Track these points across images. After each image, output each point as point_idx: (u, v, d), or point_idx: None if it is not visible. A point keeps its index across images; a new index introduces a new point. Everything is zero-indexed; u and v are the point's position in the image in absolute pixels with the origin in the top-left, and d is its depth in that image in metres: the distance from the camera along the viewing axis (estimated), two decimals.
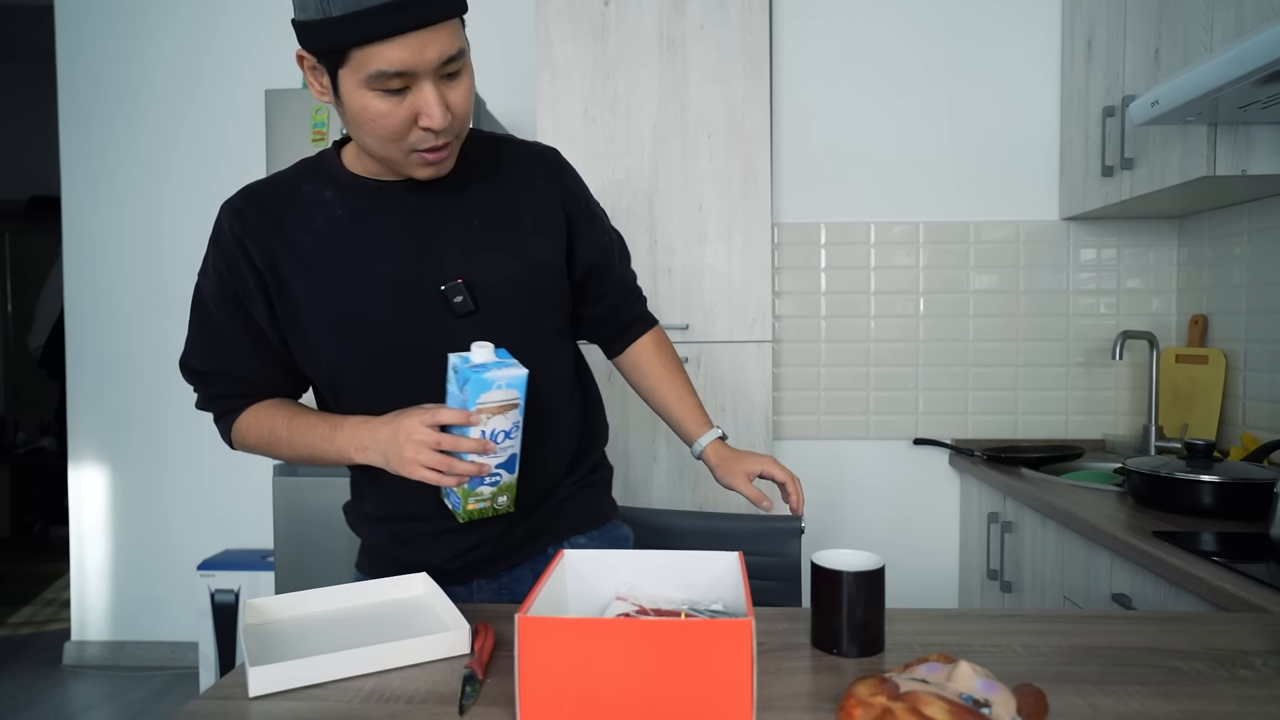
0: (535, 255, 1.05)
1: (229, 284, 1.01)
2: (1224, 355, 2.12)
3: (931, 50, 2.48)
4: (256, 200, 1.02)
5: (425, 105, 0.88)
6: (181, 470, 2.79)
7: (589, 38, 2.20)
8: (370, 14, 0.81)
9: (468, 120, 0.95)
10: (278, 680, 0.80)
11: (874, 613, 0.89)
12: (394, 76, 0.85)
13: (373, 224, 1.00)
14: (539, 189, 1.07)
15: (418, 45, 0.84)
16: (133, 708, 2.53)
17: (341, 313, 0.99)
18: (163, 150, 2.77)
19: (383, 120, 0.88)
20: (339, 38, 0.83)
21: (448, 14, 0.85)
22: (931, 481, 2.52)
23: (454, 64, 0.88)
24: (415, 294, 0.99)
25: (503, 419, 0.91)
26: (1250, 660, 0.85)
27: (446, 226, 1.01)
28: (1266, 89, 1.38)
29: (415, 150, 0.92)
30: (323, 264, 0.99)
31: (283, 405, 1.06)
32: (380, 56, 0.84)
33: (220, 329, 1.03)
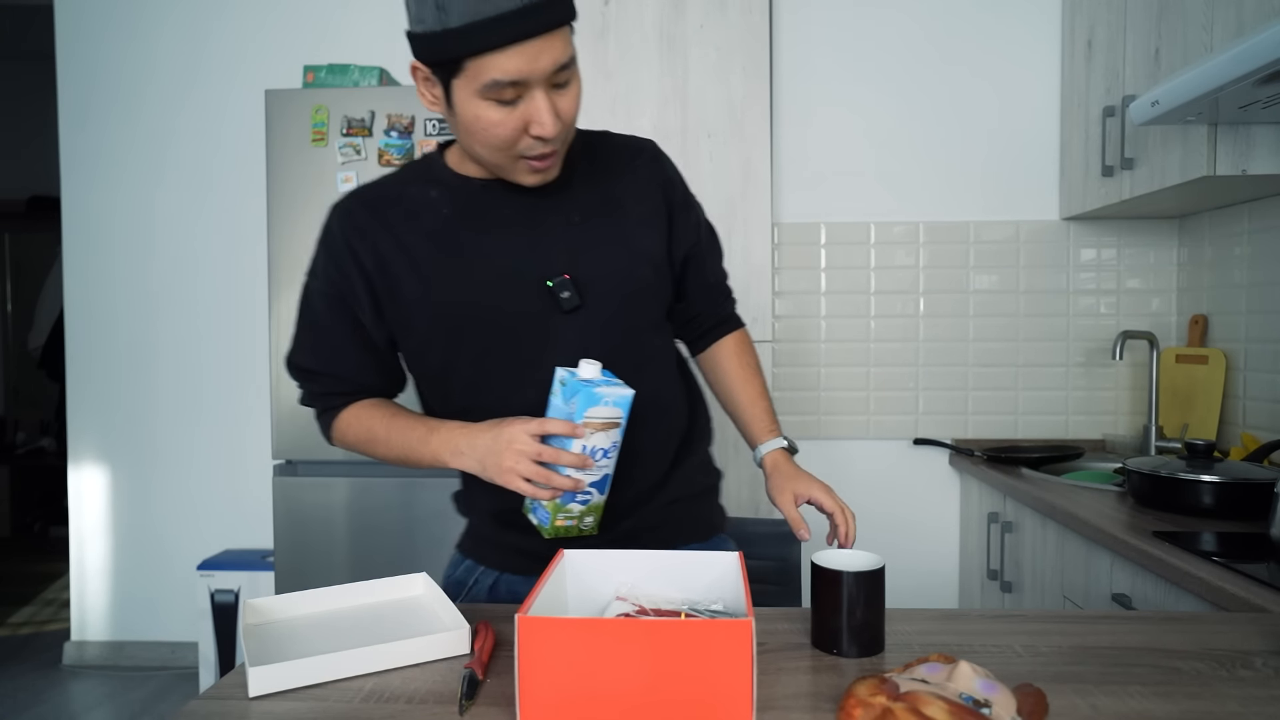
0: (639, 248, 1.06)
1: (337, 285, 1.03)
2: (1224, 355, 2.12)
3: (931, 50, 2.48)
4: (366, 202, 1.04)
5: (537, 114, 0.89)
6: (181, 470, 2.79)
7: (589, 38, 2.20)
8: (486, 24, 0.83)
9: (573, 125, 0.97)
10: (278, 680, 0.80)
11: (874, 613, 0.89)
12: (508, 86, 0.87)
13: (479, 222, 1.01)
14: (641, 181, 1.08)
15: (532, 54, 0.85)
16: (133, 708, 2.53)
17: (450, 309, 1.01)
18: (162, 150, 2.77)
19: (495, 129, 0.90)
20: (455, 48, 0.85)
21: (560, 22, 0.87)
22: (931, 481, 2.52)
23: (565, 72, 0.90)
24: (522, 290, 1.00)
25: (604, 436, 0.92)
26: (1250, 660, 0.85)
27: (552, 222, 1.02)
28: (1266, 89, 1.38)
29: (524, 157, 0.94)
30: (432, 262, 1.00)
31: (382, 405, 1.08)
32: (495, 66, 0.85)
33: (326, 329, 1.06)
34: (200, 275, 2.77)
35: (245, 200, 2.72)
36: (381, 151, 2.10)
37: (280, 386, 2.16)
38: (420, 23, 0.87)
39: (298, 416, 2.16)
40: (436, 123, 2.08)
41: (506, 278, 1.00)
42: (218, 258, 2.76)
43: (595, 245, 1.03)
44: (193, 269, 2.77)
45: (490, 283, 1.00)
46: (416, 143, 2.09)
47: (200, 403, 2.78)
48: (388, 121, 2.09)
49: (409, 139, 2.09)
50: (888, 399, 2.51)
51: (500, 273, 1.00)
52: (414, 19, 0.88)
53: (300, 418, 2.16)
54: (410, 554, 2.12)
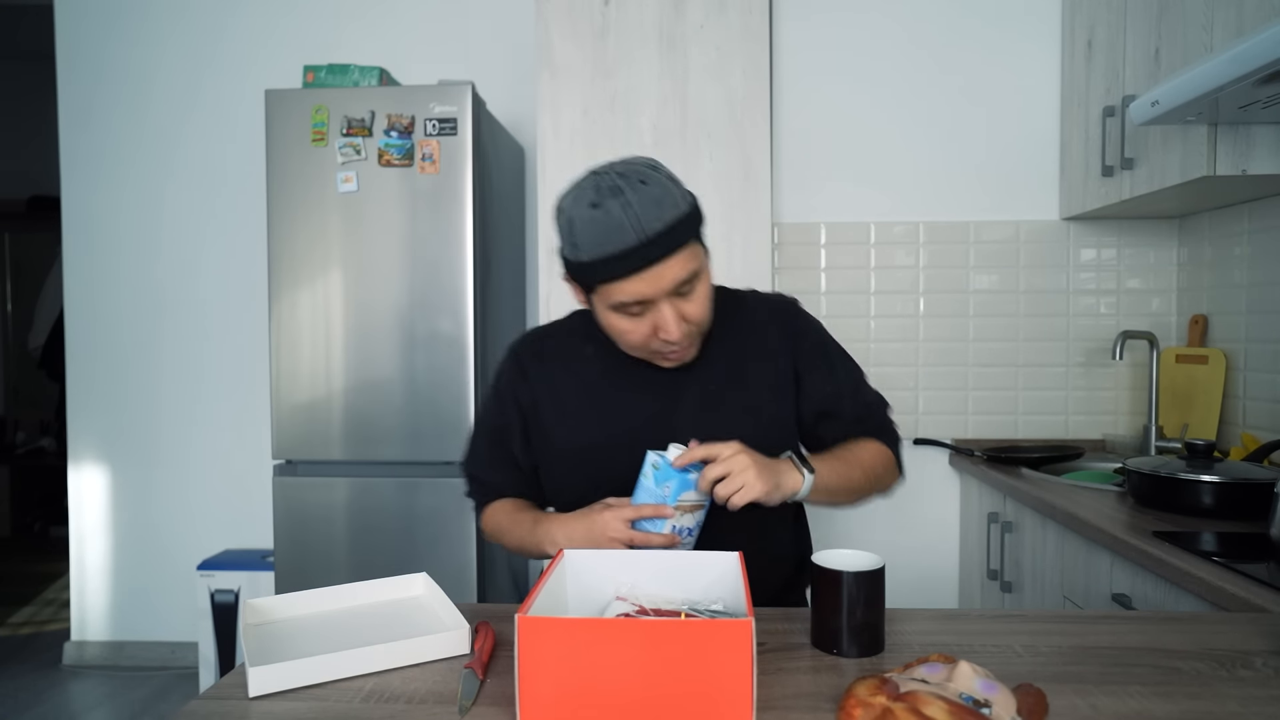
0: (767, 413, 1.14)
1: (496, 417, 1.21)
2: (1224, 355, 2.12)
3: (932, 50, 2.48)
4: (534, 348, 1.21)
5: (663, 323, 1.01)
6: (181, 470, 2.79)
7: (589, 37, 2.20)
8: (610, 260, 0.97)
9: (706, 319, 1.07)
10: (278, 680, 0.80)
11: (874, 613, 0.89)
12: (633, 304, 1.01)
13: (621, 380, 1.14)
14: (771, 346, 1.17)
15: (652, 279, 0.98)
16: (133, 708, 2.53)
17: (586, 457, 1.14)
18: (162, 150, 2.77)
19: (627, 335, 1.05)
20: (587, 276, 1.01)
21: (678, 246, 0.98)
22: (931, 481, 2.52)
23: (687, 285, 1.01)
24: (645, 448, 1.06)
25: (691, 517, 1.02)
26: (1250, 660, 0.85)
27: (685, 387, 1.13)
28: (1266, 89, 1.38)
29: (658, 352, 1.07)
30: (576, 412, 1.15)
31: (511, 503, 1.21)
32: (620, 291, 0.99)
33: (487, 447, 1.23)
34: (201, 275, 2.77)
35: (245, 200, 2.72)
36: (381, 151, 2.10)
37: (280, 386, 2.16)
38: (562, 250, 1.03)
39: (298, 416, 2.16)
40: (436, 122, 2.08)
41: (636, 435, 1.10)
42: (218, 257, 2.76)
43: (724, 415, 1.12)
44: (193, 269, 2.77)
45: (621, 440, 1.11)
46: (416, 142, 2.09)
47: (200, 403, 2.78)
48: (388, 121, 2.09)
49: (409, 139, 2.09)
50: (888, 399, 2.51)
51: (631, 431, 1.11)
52: (561, 244, 1.04)
53: (300, 418, 2.16)
54: (410, 554, 2.12)
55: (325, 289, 2.15)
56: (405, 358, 2.13)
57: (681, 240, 0.99)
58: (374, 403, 2.13)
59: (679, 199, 1.00)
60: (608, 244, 0.96)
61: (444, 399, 2.12)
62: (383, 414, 2.13)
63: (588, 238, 0.98)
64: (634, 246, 0.96)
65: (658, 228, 0.96)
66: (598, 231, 0.97)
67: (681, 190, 1.02)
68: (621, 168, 1.01)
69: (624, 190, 0.97)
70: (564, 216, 1.01)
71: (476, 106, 2.12)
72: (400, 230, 2.12)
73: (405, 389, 2.13)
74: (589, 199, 0.98)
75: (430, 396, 2.12)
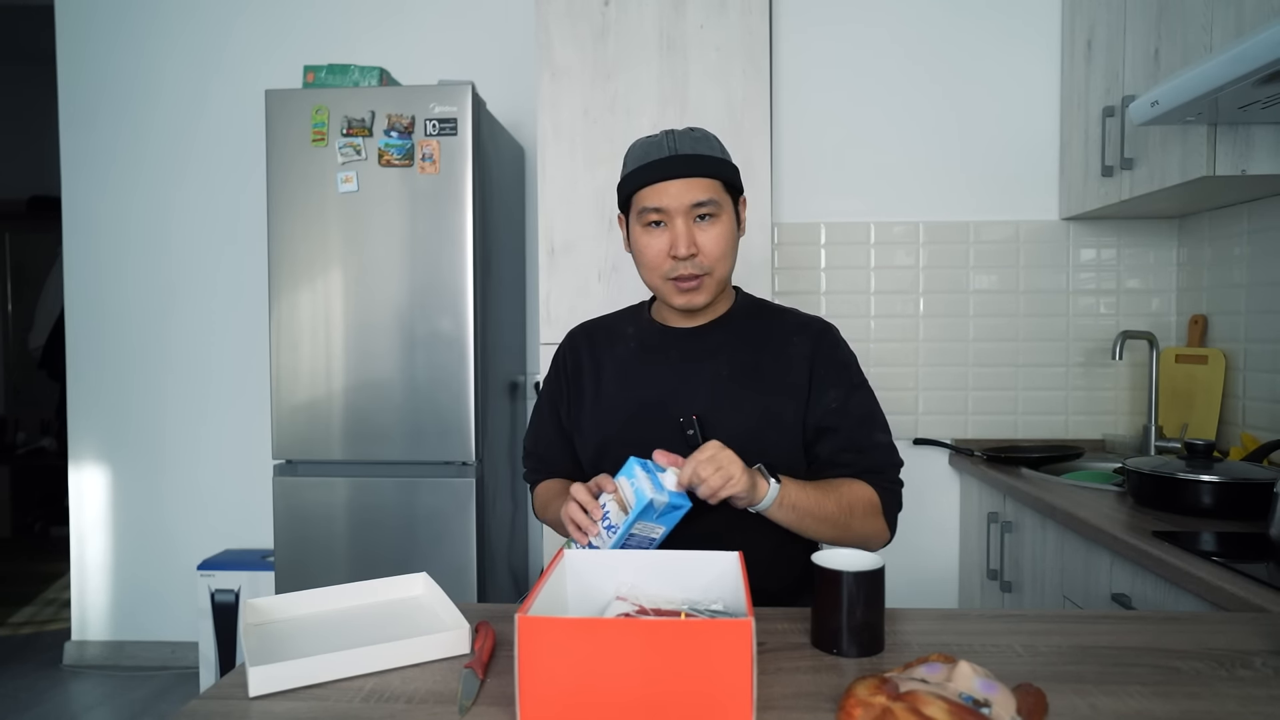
0: (771, 412, 1.21)
1: (552, 391, 1.34)
2: (1224, 355, 2.12)
3: (931, 50, 2.49)
4: (588, 329, 1.36)
5: (674, 236, 1.15)
6: (181, 470, 2.79)
7: (589, 38, 2.20)
8: (643, 168, 1.16)
9: (720, 261, 1.19)
10: (278, 680, 0.80)
11: (874, 613, 0.89)
12: (652, 211, 1.16)
13: (650, 357, 1.27)
14: (794, 356, 1.24)
15: (674, 190, 1.15)
16: (133, 708, 2.53)
17: (607, 421, 1.26)
18: (162, 150, 2.77)
19: (648, 251, 1.18)
20: (625, 187, 1.20)
21: (700, 174, 1.15)
22: (931, 481, 2.52)
23: (704, 209, 1.16)
24: (660, 419, 1.20)
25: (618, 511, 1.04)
26: (1250, 660, 0.85)
27: (702, 371, 1.24)
28: (1266, 89, 1.38)
29: (670, 279, 1.18)
30: (610, 383, 1.28)
31: (559, 482, 1.33)
32: (646, 197, 1.16)
33: (542, 419, 1.36)
34: (201, 275, 2.77)
35: (245, 200, 2.72)
36: (381, 152, 2.10)
37: (280, 386, 2.16)
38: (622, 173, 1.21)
39: (298, 416, 2.16)
40: (436, 122, 2.08)
41: (651, 406, 1.23)
42: (218, 257, 2.76)
43: (731, 398, 1.21)
44: (193, 269, 2.77)
45: (639, 409, 1.24)
46: (416, 142, 2.09)
47: (200, 402, 2.78)
48: (388, 121, 2.09)
49: (409, 139, 2.09)
50: (888, 399, 2.48)
51: (650, 401, 1.23)
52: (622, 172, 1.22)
53: (300, 418, 2.16)
54: (410, 554, 2.12)
55: (325, 289, 2.15)
56: (405, 358, 2.13)
57: (706, 170, 1.15)
58: (374, 403, 2.13)
59: (719, 149, 1.19)
60: (644, 156, 1.17)
61: (444, 399, 2.12)
62: (383, 414, 2.13)
63: (635, 154, 1.19)
64: (664, 158, 1.15)
65: (688, 151, 1.15)
66: (644, 149, 1.18)
67: (725, 151, 1.21)
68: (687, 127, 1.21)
69: (675, 130, 1.19)
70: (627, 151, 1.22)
71: (476, 107, 2.12)
72: (400, 230, 2.12)
73: (405, 389, 2.13)
74: (645, 136, 1.21)
75: (430, 396, 2.12)
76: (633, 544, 1.04)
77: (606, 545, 1.03)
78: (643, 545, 1.05)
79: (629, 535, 1.03)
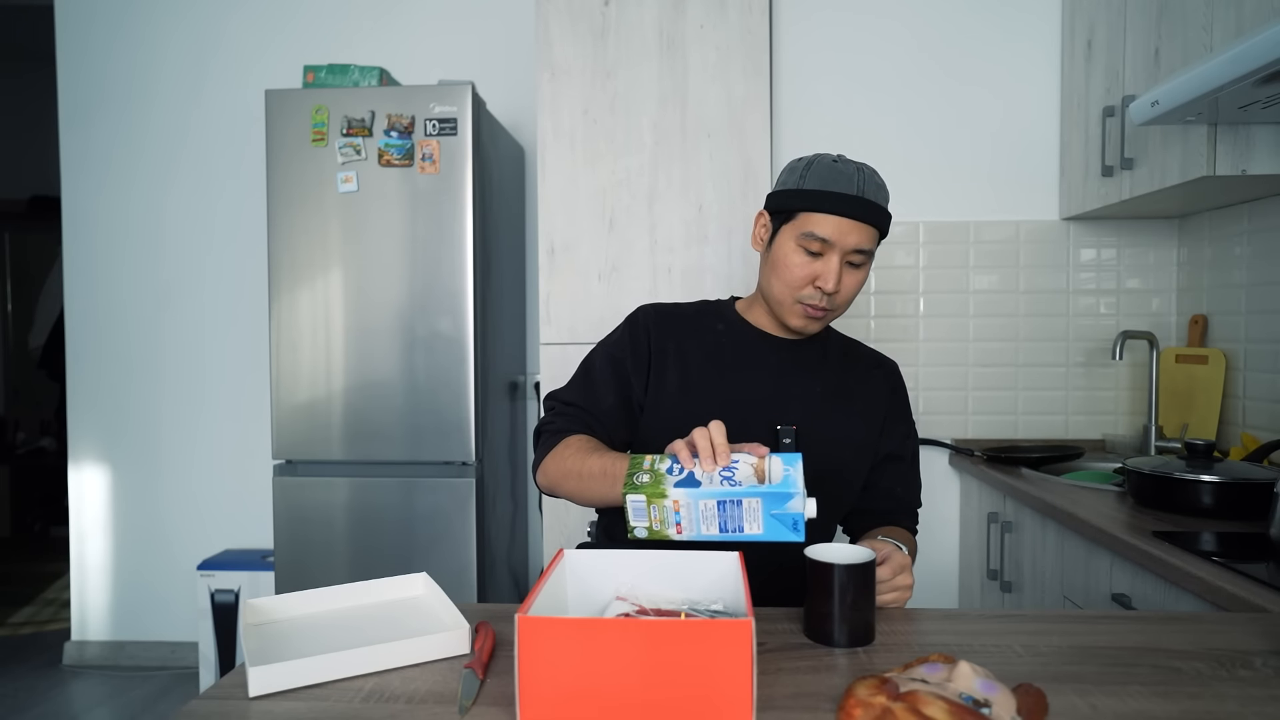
0: (854, 435, 1.27)
1: (625, 349, 1.28)
2: (1224, 355, 2.12)
3: (931, 50, 2.48)
4: (666, 312, 1.32)
5: (826, 270, 1.17)
6: (181, 470, 2.79)
7: (589, 38, 2.20)
8: (828, 194, 1.15)
9: (847, 304, 1.23)
10: (278, 680, 0.80)
11: (864, 603, 0.90)
12: (817, 240, 1.16)
13: (746, 358, 1.27)
14: (874, 386, 1.32)
15: (846, 228, 1.15)
16: (133, 708, 2.53)
17: (698, 411, 1.15)
18: (162, 150, 2.77)
19: (794, 270, 1.19)
20: (799, 202, 1.17)
21: (875, 222, 1.17)
22: (931, 481, 2.51)
23: (859, 255, 1.18)
24: (754, 422, 1.20)
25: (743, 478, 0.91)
26: (1250, 660, 0.85)
27: (799, 383, 1.26)
28: (1266, 89, 1.38)
29: (801, 302, 1.20)
30: (699, 372, 1.25)
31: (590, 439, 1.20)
32: (817, 223, 1.16)
33: (598, 376, 1.28)
34: (200, 275, 2.77)
35: (245, 200, 2.72)
36: (381, 151, 2.10)
37: (280, 386, 2.16)
38: (783, 183, 1.21)
39: (298, 416, 2.16)
40: (436, 122, 2.08)
41: (747, 407, 1.22)
42: (218, 257, 2.76)
43: (825, 413, 1.25)
44: (193, 269, 2.77)
45: (733, 407, 1.18)
46: (416, 142, 2.09)
47: (200, 402, 2.78)
48: (388, 121, 2.09)
49: (409, 139, 2.09)
50: None
51: (743, 403, 1.22)
52: (780, 180, 1.22)
53: (300, 418, 2.16)
54: (410, 554, 2.12)
55: (325, 289, 2.15)
56: (405, 358, 2.13)
57: (878, 221, 1.17)
58: (374, 403, 2.13)
59: (886, 200, 1.19)
60: (833, 184, 1.15)
61: (444, 399, 2.12)
62: (383, 414, 2.13)
63: (820, 174, 1.17)
64: (852, 195, 1.15)
65: (872, 197, 1.16)
66: (831, 174, 1.16)
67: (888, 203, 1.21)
68: None
69: (863, 168, 1.18)
70: (804, 161, 1.20)
71: (476, 106, 2.12)
72: (400, 230, 2.12)
73: (405, 389, 2.13)
74: (834, 158, 1.19)
75: (430, 396, 2.12)
76: (706, 516, 0.90)
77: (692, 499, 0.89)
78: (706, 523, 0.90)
79: (722, 506, 0.89)
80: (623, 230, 2.20)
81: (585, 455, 1.13)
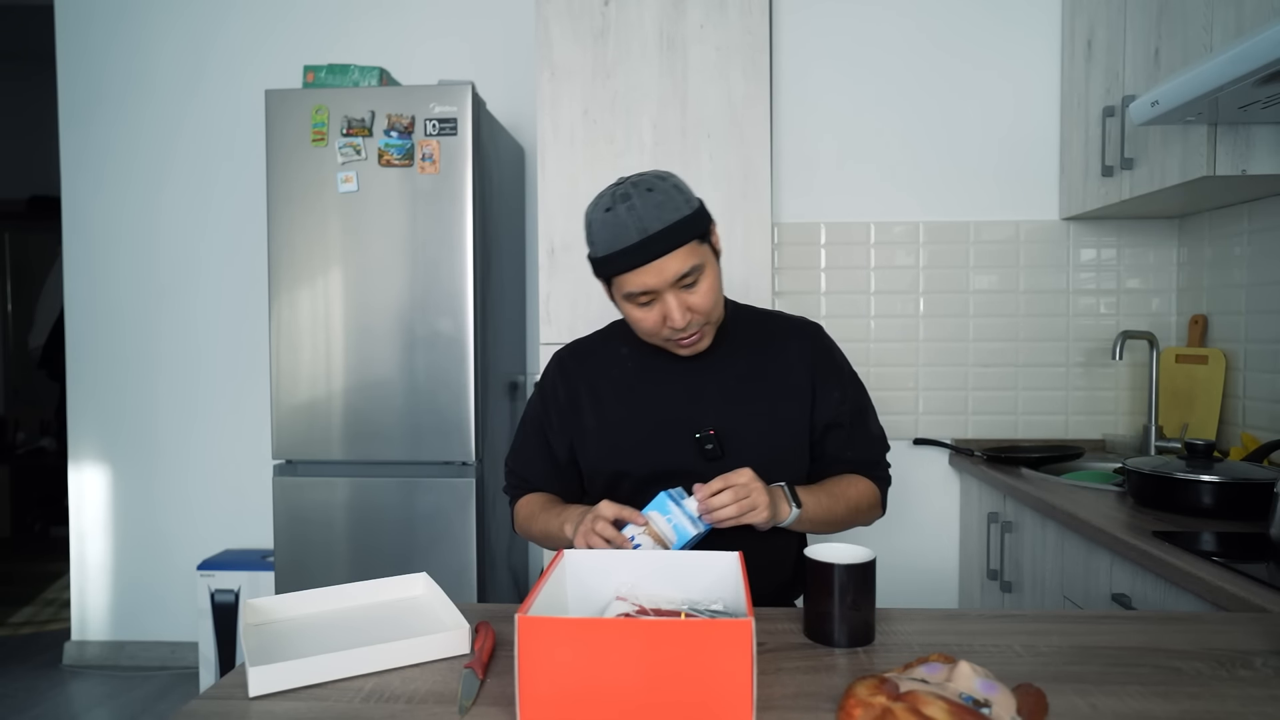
0: (781, 416, 1.25)
1: (539, 414, 1.32)
2: (1224, 355, 2.12)
3: (931, 50, 2.48)
4: (575, 352, 1.33)
5: (669, 312, 1.14)
6: (181, 470, 2.79)
7: (589, 38, 2.20)
8: (617, 255, 1.11)
9: (714, 309, 1.18)
10: (278, 680, 0.80)
11: (864, 603, 0.90)
12: (640, 294, 1.13)
13: (653, 376, 1.26)
14: (792, 358, 1.28)
15: (655, 271, 1.10)
16: (133, 708, 2.53)
17: (620, 443, 1.25)
18: (163, 150, 2.77)
19: (641, 324, 1.17)
20: (602, 270, 1.15)
21: (677, 244, 1.10)
22: (931, 481, 2.52)
23: (689, 277, 1.13)
24: (676, 436, 1.22)
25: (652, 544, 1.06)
26: (1250, 660, 0.85)
27: (710, 384, 1.25)
28: (1266, 89, 1.38)
29: (670, 339, 1.18)
30: (612, 407, 1.26)
31: (542, 497, 1.32)
32: (629, 282, 1.13)
33: (528, 445, 1.34)
34: (201, 275, 2.77)
35: (245, 200, 2.72)
36: (381, 151, 2.10)
37: (280, 386, 2.16)
38: (587, 247, 1.18)
39: (298, 416, 2.16)
40: (436, 122, 2.08)
41: (664, 424, 1.23)
42: (218, 257, 2.76)
43: (742, 406, 1.23)
44: (193, 269, 2.77)
45: (652, 428, 1.23)
46: (416, 142, 2.09)
47: (200, 403, 2.78)
48: (388, 121, 2.09)
49: (409, 139, 2.09)
50: (888, 399, 2.51)
51: (662, 423, 1.23)
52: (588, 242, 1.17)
53: (300, 418, 2.16)
54: (410, 554, 2.12)
55: (325, 289, 2.15)
56: (405, 358, 2.13)
57: (681, 239, 1.10)
58: (374, 403, 2.13)
59: (682, 204, 1.12)
60: (616, 241, 1.10)
61: (444, 399, 2.12)
62: (383, 414, 2.13)
63: (601, 237, 1.13)
64: (636, 243, 1.09)
65: (658, 227, 1.09)
66: (609, 231, 1.11)
67: (686, 196, 1.14)
68: (635, 178, 1.15)
69: (632, 196, 1.11)
70: (587, 220, 1.16)
71: (476, 106, 2.12)
72: (400, 230, 2.12)
73: (405, 389, 2.13)
74: (604, 205, 1.13)
75: (430, 396, 2.12)
76: None
77: None
78: None
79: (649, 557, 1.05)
80: None
81: (532, 520, 1.28)
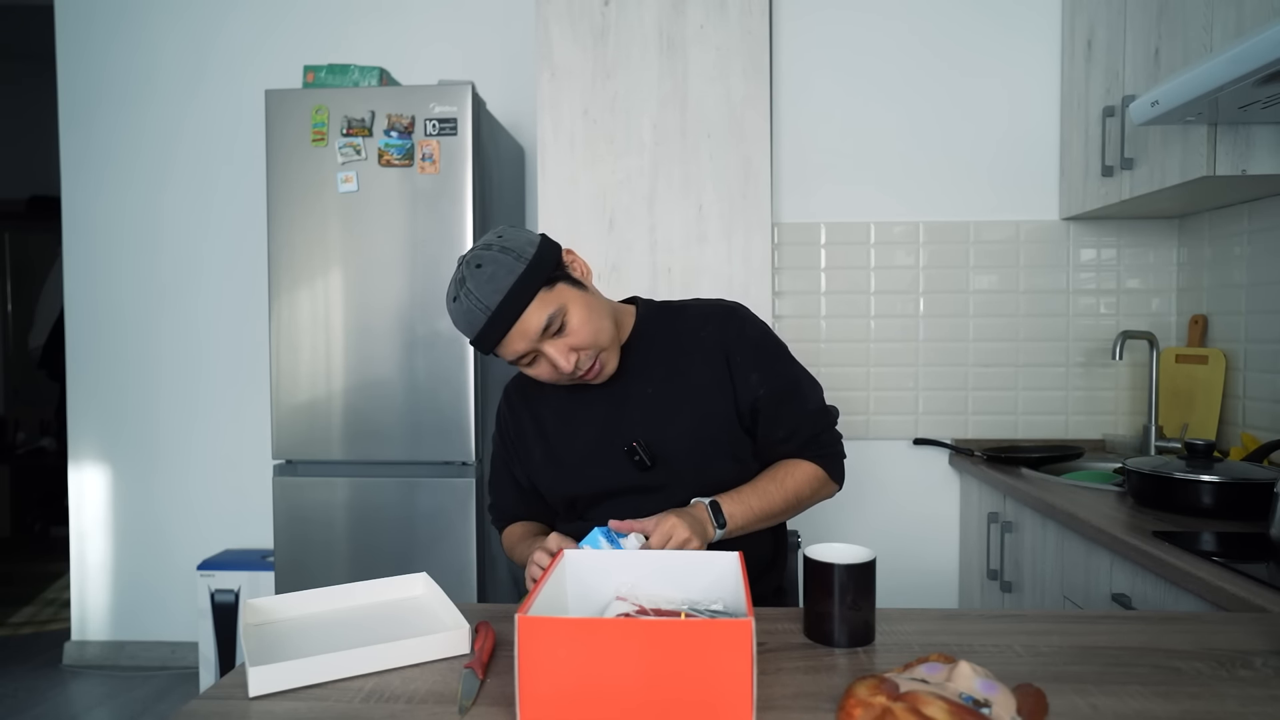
0: (705, 411, 1.24)
1: (500, 449, 1.36)
2: (1224, 355, 2.12)
3: (931, 50, 2.48)
4: (519, 386, 1.35)
5: (553, 361, 1.15)
6: (181, 470, 2.79)
7: (589, 38, 2.20)
8: (477, 340, 1.14)
9: (598, 336, 1.17)
10: (278, 680, 0.80)
11: (864, 603, 0.90)
12: (520, 358, 1.16)
13: (584, 398, 1.26)
14: (706, 345, 1.26)
15: (518, 336, 1.12)
16: (133, 708, 2.53)
17: (564, 469, 1.27)
18: (163, 150, 2.77)
19: (539, 379, 1.20)
20: (478, 350, 1.19)
21: (522, 309, 1.11)
22: (931, 481, 2.52)
23: (552, 325, 1.13)
24: (609, 452, 1.23)
25: None
26: (1250, 660, 0.85)
27: (631, 394, 1.25)
28: (1266, 89, 1.38)
29: (572, 380, 1.19)
30: (555, 433, 1.28)
31: (521, 527, 1.35)
32: (504, 353, 1.15)
33: (498, 477, 1.38)
34: (201, 275, 2.77)
35: (245, 200, 2.72)
36: (381, 151, 2.10)
37: (280, 386, 2.16)
38: None
39: (298, 416, 2.16)
40: (436, 122, 2.08)
41: (597, 442, 1.24)
42: (218, 257, 2.76)
43: (663, 410, 1.23)
44: (193, 269, 2.77)
45: (587, 447, 1.25)
46: (416, 142, 2.09)
47: (200, 403, 2.78)
48: (388, 121, 2.09)
49: (409, 139, 2.09)
50: (888, 399, 2.51)
51: (598, 440, 1.24)
52: None
53: (300, 418, 2.16)
54: (410, 554, 2.12)
55: (325, 289, 2.15)
56: (405, 358, 2.13)
57: (525, 299, 1.11)
58: (374, 403, 2.13)
59: (513, 264, 1.11)
60: (471, 327, 1.13)
61: (444, 399, 2.12)
62: (383, 414, 2.13)
63: (461, 325, 1.15)
64: (485, 322, 1.11)
65: (498, 299, 1.10)
66: (462, 320, 1.14)
67: (518, 253, 1.13)
68: (469, 255, 1.15)
69: (466, 280, 1.12)
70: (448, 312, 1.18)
71: (476, 106, 2.12)
72: (400, 230, 2.12)
73: (405, 389, 2.13)
74: (451, 295, 1.15)
75: (430, 396, 2.12)
76: None
77: None
78: None
79: None
80: (622, 230, 2.20)
81: (513, 552, 1.33)
